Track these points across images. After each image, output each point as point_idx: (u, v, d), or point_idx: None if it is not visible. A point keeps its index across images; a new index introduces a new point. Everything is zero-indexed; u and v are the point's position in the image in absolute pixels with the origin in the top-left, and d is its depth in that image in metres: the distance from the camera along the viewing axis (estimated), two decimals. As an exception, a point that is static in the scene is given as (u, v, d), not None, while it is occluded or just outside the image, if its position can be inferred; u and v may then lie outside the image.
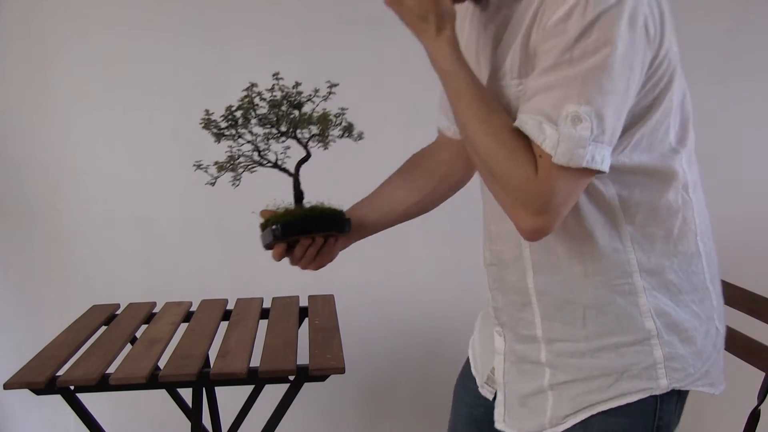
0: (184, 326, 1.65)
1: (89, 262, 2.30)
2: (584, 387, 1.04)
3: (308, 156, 1.27)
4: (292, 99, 1.26)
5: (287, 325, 1.65)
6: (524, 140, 0.93)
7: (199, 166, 1.24)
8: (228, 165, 1.24)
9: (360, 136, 1.25)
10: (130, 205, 2.27)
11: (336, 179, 2.32)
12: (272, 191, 1.32)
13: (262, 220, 1.27)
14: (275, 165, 1.27)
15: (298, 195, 1.29)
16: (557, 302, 1.06)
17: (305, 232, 1.25)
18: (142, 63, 2.25)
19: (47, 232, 2.30)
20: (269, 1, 2.27)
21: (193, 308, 1.81)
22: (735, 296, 1.52)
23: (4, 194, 2.28)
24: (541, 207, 0.91)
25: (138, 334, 1.61)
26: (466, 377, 1.27)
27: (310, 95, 1.26)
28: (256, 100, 1.25)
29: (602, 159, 0.90)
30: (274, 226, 1.23)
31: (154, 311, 1.78)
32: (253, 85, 1.26)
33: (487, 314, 1.21)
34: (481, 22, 1.11)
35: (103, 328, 1.67)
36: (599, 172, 0.91)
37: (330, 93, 1.25)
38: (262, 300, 1.85)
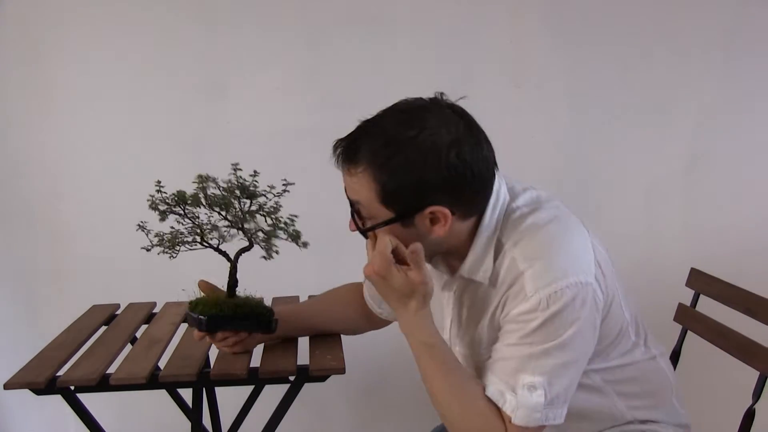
0: (184, 326, 1.65)
1: (89, 262, 2.30)
2: None
3: (251, 246, 1.30)
4: (247, 188, 1.27)
5: (287, 325, 1.64)
6: (495, 405, 1.06)
7: (142, 228, 1.27)
8: (168, 241, 1.27)
9: (305, 245, 1.29)
10: (130, 205, 2.26)
11: (340, 174, 2.32)
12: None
13: (194, 297, 1.32)
14: (216, 248, 1.30)
15: (233, 283, 1.33)
16: None
17: (231, 326, 1.29)
18: (142, 63, 2.25)
19: (47, 232, 2.31)
20: (270, 0, 2.27)
21: (193, 308, 1.81)
22: (732, 296, 1.52)
23: (4, 194, 2.29)
24: None
25: (138, 334, 1.61)
26: None
27: (266, 191, 1.27)
28: (210, 189, 1.27)
29: (555, 416, 1.06)
30: (200, 317, 1.26)
31: (154, 311, 1.78)
32: (208, 176, 1.28)
33: None
34: (441, 281, 1.23)
35: (103, 328, 1.67)
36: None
37: (285, 191, 1.27)
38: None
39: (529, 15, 2.31)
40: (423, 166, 1.03)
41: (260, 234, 1.27)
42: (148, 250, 1.29)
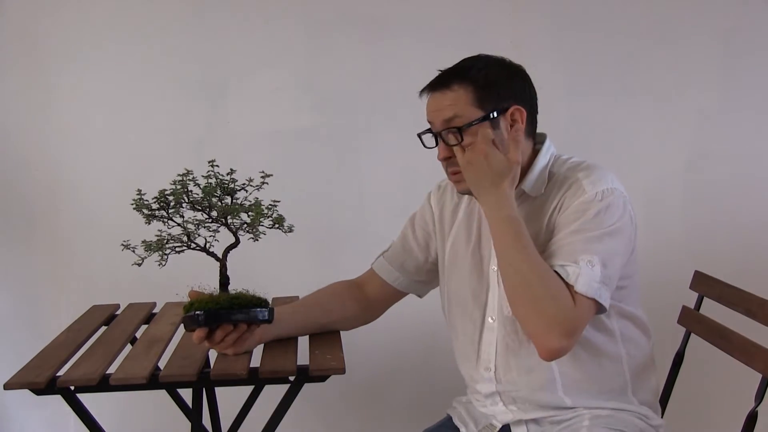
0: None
1: (89, 262, 2.30)
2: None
3: (237, 242, 1.32)
4: (226, 186, 1.28)
5: (287, 325, 1.63)
6: (561, 278, 1.20)
7: (126, 246, 1.28)
8: (155, 246, 1.27)
9: (290, 229, 1.33)
10: (130, 205, 2.27)
11: (341, 175, 2.33)
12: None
13: (188, 300, 1.30)
14: (203, 249, 1.30)
15: (224, 280, 1.33)
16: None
17: (227, 319, 1.28)
18: (142, 63, 2.25)
19: (47, 232, 2.31)
20: (270, 1, 2.27)
21: (193, 308, 1.80)
22: (733, 297, 1.52)
23: (4, 194, 2.29)
24: (572, 330, 1.17)
25: (138, 334, 1.61)
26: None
27: (244, 184, 1.29)
28: (190, 186, 1.28)
29: (605, 299, 1.21)
30: (197, 312, 1.26)
31: (154, 311, 1.78)
32: (188, 171, 1.29)
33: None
34: None
35: (103, 328, 1.67)
36: (602, 309, 1.22)
37: (263, 183, 1.29)
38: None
39: (529, 16, 2.31)
40: (504, 71, 1.32)
41: (244, 225, 1.29)
42: (139, 265, 1.30)
